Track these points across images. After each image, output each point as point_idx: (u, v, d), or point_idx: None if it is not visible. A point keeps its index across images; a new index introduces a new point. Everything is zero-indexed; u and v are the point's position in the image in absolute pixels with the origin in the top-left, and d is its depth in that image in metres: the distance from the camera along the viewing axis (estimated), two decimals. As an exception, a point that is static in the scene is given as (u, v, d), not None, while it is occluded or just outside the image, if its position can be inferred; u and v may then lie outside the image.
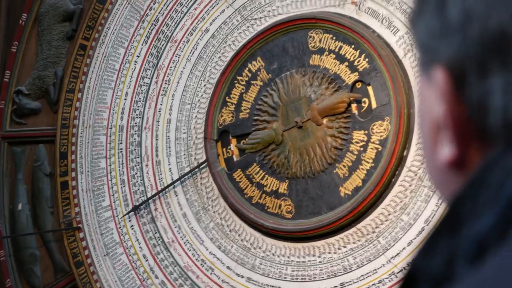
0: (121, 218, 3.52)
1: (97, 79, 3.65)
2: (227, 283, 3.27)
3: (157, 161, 3.50)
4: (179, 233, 3.40)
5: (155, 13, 3.58)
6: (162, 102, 3.52)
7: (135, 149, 3.55)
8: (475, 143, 0.75)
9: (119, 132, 3.58)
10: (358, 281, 3.01)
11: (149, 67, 3.57)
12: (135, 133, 3.56)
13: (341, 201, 3.06)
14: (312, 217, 3.11)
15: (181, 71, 3.50)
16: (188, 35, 3.51)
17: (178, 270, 3.38)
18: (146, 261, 3.45)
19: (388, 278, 2.95)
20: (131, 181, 3.53)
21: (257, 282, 3.22)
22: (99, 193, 3.58)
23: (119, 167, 3.56)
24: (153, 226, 3.46)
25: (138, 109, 3.56)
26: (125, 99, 3.59)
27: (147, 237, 3.47)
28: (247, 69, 3.33)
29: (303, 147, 3.15)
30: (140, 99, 3.57)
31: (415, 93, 2.96)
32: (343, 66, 3.12)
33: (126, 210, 3.52)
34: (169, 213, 3.43)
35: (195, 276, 3.34)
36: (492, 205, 0.69)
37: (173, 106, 3.50)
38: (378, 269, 2.98)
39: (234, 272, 3.26)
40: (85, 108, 3.65)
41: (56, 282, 3.63)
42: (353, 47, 3.10)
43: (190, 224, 3.38)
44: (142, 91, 3.57)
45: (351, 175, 3.05)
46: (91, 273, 3.53)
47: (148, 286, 3.43)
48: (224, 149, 3.36)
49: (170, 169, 3.46)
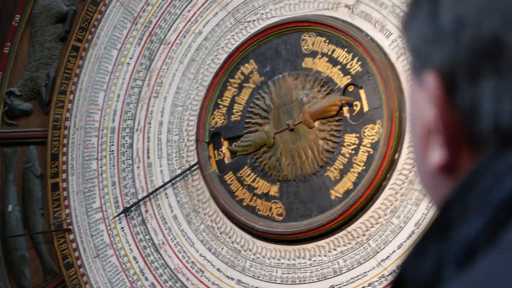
0: (111, 220, 3.52)
1: (89, 81, 3.64)
2: (217, 285, 3.26)
3: (148, 163, 3.49)
4: (170, 235, 3.39)
5: (148, 15, 3.58)
6: (154, 104, 3.52)
7: (126, 151, 3.54)
8: (465, 148, 0.75)
9: (111, 134, 3.58)
10: (348, 284, 3.01)
11: (142, 69, 3.57)
12: (127, 135, 3.55)
13: (331, 204, 3.06)
14: (302, 220, 3.11)
15: (174, 73, 3.50)
16: (181, 37, 3.51)
17: (168, 272, 3.38)
18: (136, 263, 3.44)
19: (378, 281, 2.96)
20: (122, 183, 3.53)
21: (247, 284, 3.21)
22: (90, 195, 3.57)
23: (110, 168, 3.55)
24: (144, 228, 3.46)
25: (130, 111, 3.56)
26: (117, 101, 3.59)
27: (137, 239, 3.46)
28: (239, 71, 3.33)
29: (294, 150, 3.15)
30: (132, 101, 3.56)
31: (407, 97, 2.96)
32: (336, 69, 3.12)
33: (116, 212, 3.51)
34: (160, 215, 3.43)
35: (185, 278, 3.34)
36: (481, 209, 0.69)
37: (165, 108, 3.50)
38: (368, 272, 2.98)
39: (224, 274, 3.26)
40: (76, 109, 3.64)
41: (45, 284, 3.62)
42: (346, 50, 3.11)
43: (180, 226, 3.38)
44: (134, 93, 3.57)
45: (342, 178, 3.05)
46: (81, 275, 3.52)
47: (138, 288, 3.43)
48: (215, 152, 3.36)
49: (161, 171, 3.46)
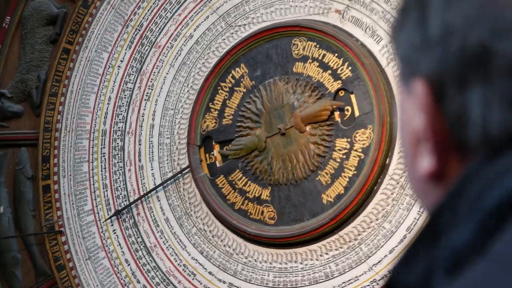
0: (103, 222, 3.52)
1: (80, 83, 3.64)
2: (209, 288, 3.28)
3: (140, 166, 3.50)
4: (162, 238, 3.40)
5: (139, 18, 3.58)
6: (145, 107, 3.52)
7: (118, 154, 3.54)
8: (454, 155, 0.76)
9: (102, 136, 3.58)
10: (340, 288, 3.03)
11: (133, 72, 3.57)
12: (118, 138, 3.55)
13: (323, 208, 3.07)
14: (294, 224, 3.12)
15: (165, 77, 3.50)
16: (172, 41, 3.51)
17: (160, 275, 3.38)
18: (128, 265, 3.45)
19: (369, 285, 2.97)
20: (114, 186, 3.53)
21: (239, 287, 3.23)
22: (82, 197, 3.57)
23: (102, 171, 3.56)
24: (136, 230, 3.46)
25: (121, 114, 3.56)
26: (108, 104, 3.59)
27: (129, 241, 3.47)
28: (230, 75, 3.34)
29: (286, 154, 3.16)
30: (123, 103, 3.57)
31: (397, 102, 2.98)
32: (326, 74, 3.13)
33: (108, 214, 3.51)
34: (152, 218, 3.44)
35: (177, 281, 3.35)
36: (471, 215, 0.69)
37: (156, 111, 3.50)
38: (359, 276, 2.99)
39: (216, 277, 3.27)
40: (68, 112, 3.64)
41: (37, 285, 3.62)
42: (336, 55, 3.12)
43: (172, 229, 3.39)
44: (125, 95, 3.57)
45: (333, 182, 3.06)
46: (72, 277, 3.52)
47: (130, 290, 3.43)
48: (207, 155, 3.37)
49: (153, 174, 3.47)
